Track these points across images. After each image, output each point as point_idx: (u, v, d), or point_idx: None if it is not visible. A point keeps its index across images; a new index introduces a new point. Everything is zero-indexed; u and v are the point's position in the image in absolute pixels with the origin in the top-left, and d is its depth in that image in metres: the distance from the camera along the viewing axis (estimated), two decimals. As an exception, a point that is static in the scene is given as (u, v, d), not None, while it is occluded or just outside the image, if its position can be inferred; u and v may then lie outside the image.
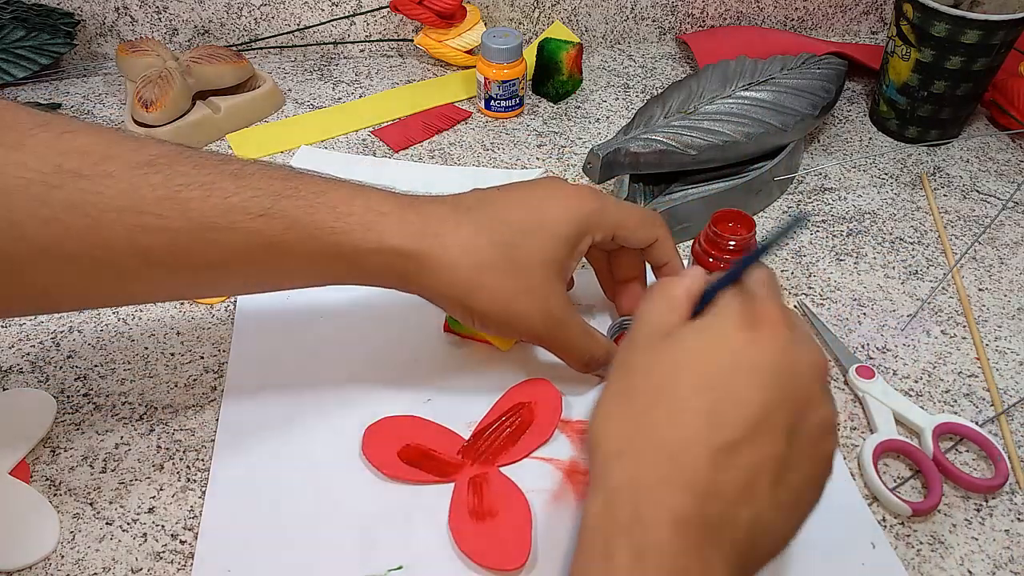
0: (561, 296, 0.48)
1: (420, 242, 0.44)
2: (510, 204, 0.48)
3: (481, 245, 0.45)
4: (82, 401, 0.53)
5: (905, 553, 0.47)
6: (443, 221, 0.45)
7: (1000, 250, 0.66)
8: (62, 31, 0.80)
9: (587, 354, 0.50)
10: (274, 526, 0.47)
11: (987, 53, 0.69)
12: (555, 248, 0.47)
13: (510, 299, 0.46)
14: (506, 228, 0.46)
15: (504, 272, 0.46)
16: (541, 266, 0.46)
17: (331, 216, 0.43)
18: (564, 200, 0.48)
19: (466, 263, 0.45)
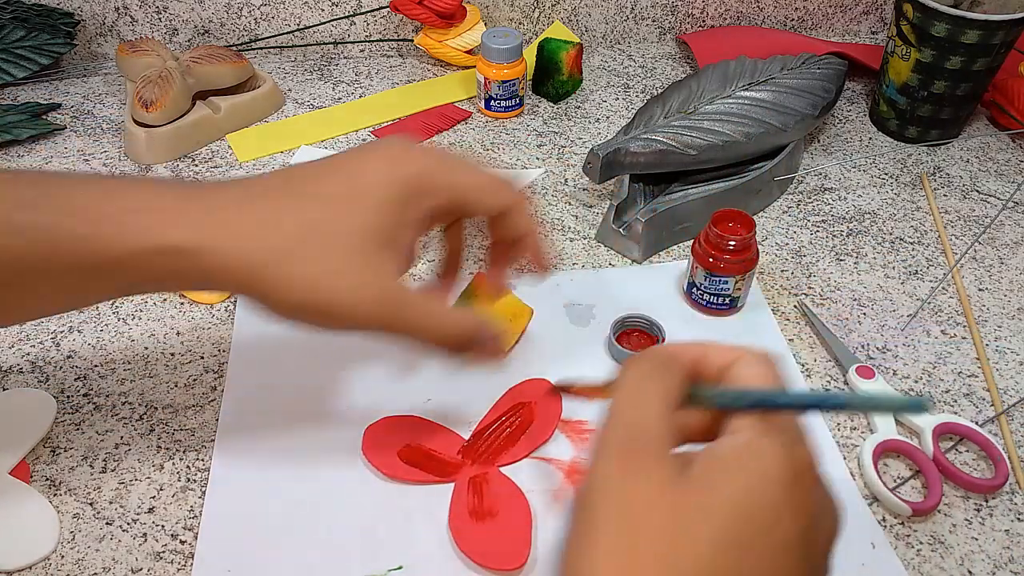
0: (389, 272, 0.40)
1: (198, 234, 0.38)
2: (320, 175, 0.41)
3: (280, 226, 0.39)
4: (82, 401, 0.53)
5: (905, 553, 0.47)
6: (231, 207, 0.39)
7: (1000, 250, 0.66)
8: (62, 31, 0.80)
9: (439, 334, 0.42)
10: (274, 526, 0.47)
11: (987, 53, 0.69)
12: (375, 216, 0.40)
13: (318, 284, 0.39)
14: (313, 202, 0.40)
15: (310, 254, 0.39)
16: (358, 240, 0.39)
17: (81, 222, 0.37)
18: (385, 162, 0.41)
19: (258, 250, 0.38)
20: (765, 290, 0.61)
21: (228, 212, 0.39)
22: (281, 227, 0.39)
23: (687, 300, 0.60)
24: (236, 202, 0.40)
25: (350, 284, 0.39)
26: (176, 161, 0.72)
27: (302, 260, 0.39)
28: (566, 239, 0.65)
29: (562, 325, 0.58)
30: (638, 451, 0.30)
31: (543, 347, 0.56)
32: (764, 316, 0.59)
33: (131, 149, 0.72)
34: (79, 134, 0.75)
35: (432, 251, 0.59)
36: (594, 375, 0.54)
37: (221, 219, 0.39)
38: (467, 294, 0.55)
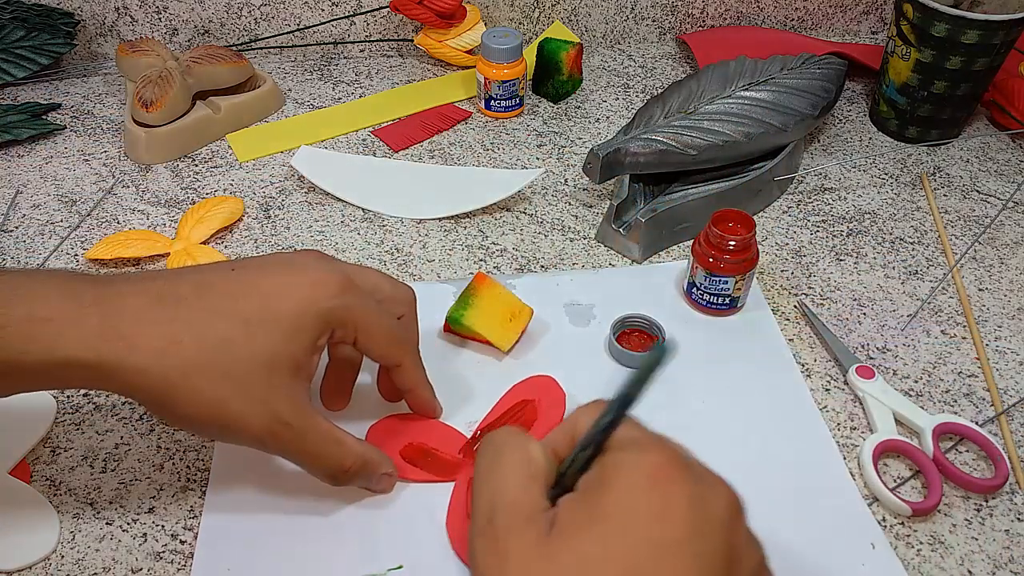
0: (292, 397, 0.42)
1: (99, 349, 0.38)
2: (238, 292, 0.41)
3: (185, 345, 0.39)
4: (82, 401, 0.53)
5: (905, 553, 0.47)
6: (137, 319, 0.39)
7: (1000, 250, 0.66)
8: (62, 31, 0.80)
9: (332, 463, 0.44)
10: (274, 526, 0.47)
11: (987, 53, 0.69)
12: (284, 345, 0.41)
13: (221, 403, 0.40)
14: (224, 321, 0.40)
15: (215, 373, 0.40)
16: (264, 367, 0.40)
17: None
18: (305, 292, 0.42)
19: (161, 366, 0.39)
20: (765, 290, 0.61)
21: (132, 324, 0.39)
22: (188, 345, 0.39)
23: (687, 300, 0.60)
24: (143, 311, 0.40)
25: (247, 408, 0.40)
26: (176, 161, 0.72)
27: (203, 381, 0.39)
28: (566, 239, 0.65)
29: (562, 325, 0.58)
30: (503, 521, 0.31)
31: (543, 347, 0.56)
32: (764, 316, 0.59)
33: (131, 149, 0.72)
34: (79, 134, 0.75)
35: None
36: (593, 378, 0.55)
37: (125, 332, 0.39)
38: (467, 294, 0.55)
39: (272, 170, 0.72)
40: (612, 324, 0.56)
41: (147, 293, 0.40)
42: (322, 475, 0.44)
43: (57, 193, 0.69)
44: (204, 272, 0.43)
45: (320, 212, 0.67)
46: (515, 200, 0.69)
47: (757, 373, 0.55)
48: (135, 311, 0.39)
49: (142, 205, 0.68)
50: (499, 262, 0.63)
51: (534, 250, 0.64)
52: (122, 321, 0.39)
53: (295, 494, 0.48)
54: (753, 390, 0.54)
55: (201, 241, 0.64)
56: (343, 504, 0.47)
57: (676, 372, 0.55)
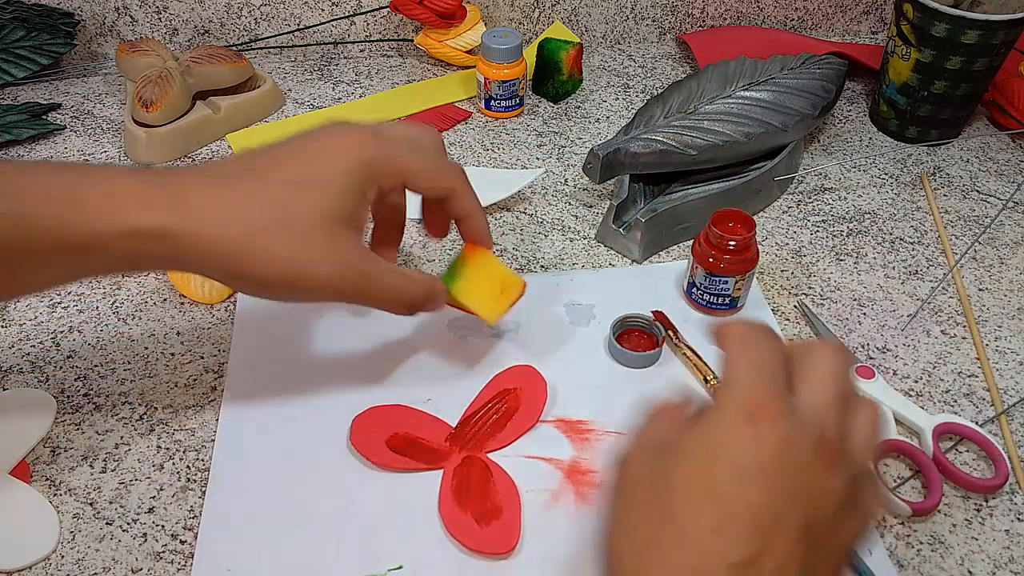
0: (355, 247, 0.45)
1: (171, 218, 0.41)
2: (281, 160, 0.44)
3: (250, 210, 0.42)
4: (82, 401, 0.53)
5: (905, 553, 0.47)
6: (199, 192, 0.42)
7: (1000, 250, 0.66)
8: (62, 31, 0.80)
9: (406, 297, 0.47)
10: (274, 526, 0.47)
11: (987, 53, 0.69)
12: (338, 200, 0.44)
13: (293, 262, 0.43)
14: (278, 187, 0.43)
15: (281, 235, 0.42)
16: (324, 221, 0.43)
17: (60, 207, 0.40)
18: (344, 148, 0.45)
19: (233, 233, 0.42)
20: (765, 290, 0.61)
21: (196, 197, 0.42)
22: (248, 211, 0.42)
23: (687, 300, 0.60)
24: (202, 187, 0.42)
25: (318, 260, 0.43)
26: (176, 161, 0.72)
27: (272, 240, 0.42)
28: (566, 239, 0.65)
29: (562, 325, 0.58)
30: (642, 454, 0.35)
31: (543, 347, 0.56)
32: (764, 316, 0.59)
33: (131, 149, 0.72)
34: (79, 134, 0.75)
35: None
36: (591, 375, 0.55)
37: (191, 204, 0.41)
38: (457, 264, 0.54)
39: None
40: (612, 324, 0.56)
41: (203, 173, 0.44)
42: (398, 308, 0.48)
43: (57, 193, 0.69)
44: (250, 153, 0.45)
45: (320, 212, 0.67)
46: (515, 200, 0.69)
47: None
48: (197, 187, 0.42)
49: (142, 205, 0.68)
50: (499, 262, 0.63)
51: (534, 250, 0.64)
52: (188, 195, 0.42)
53: (295, 495, 0.48)
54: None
55: (201, 241, 0.63)
56: (343, 504, 0.48)
57: (676, 371, 0.55)
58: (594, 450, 0.51)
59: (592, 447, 0.51)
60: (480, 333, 0.57)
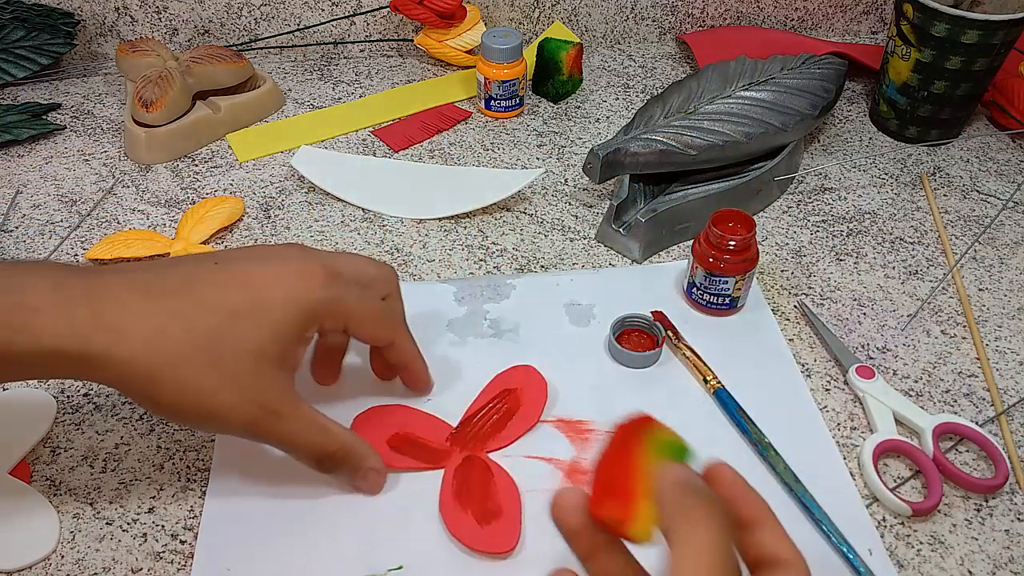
0: (278, 387, 0.43)
1: (88, 341, 0.38)
2: (226, 283, 0.42)
3: (173, 336, 0.40)
4: (82, 401, 0.53)
5: (905, 553, 0.46)
6: (125, 310, 0.40)
7: (1000, 250, 0.66)
8: (62, 31, 0.80)
9: (317, 449, 0.45)
10: (274, 526, 0.47)
11: (987, 53, 0.69)
12: (272, 337, 0.42)
13: (208, 393, 0.41)
14: (210, 314, 0.41)
15: (202, 364, 0.40)
16: (250, 357, 0.41)
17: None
18: (290, 284, 0.43)
19: (148, 357, 0.39)
20: (765, 290, 0.61)
21: (118, 314, 0.39)
22: (171, 336, 0.40)
23: (687, 300, 0.60)
24: (128, 303, 0.40)
25: (231, 397, 0.41)
26: (176, 161, 0.72)
27: (188, 371, 0.40)
28: (566, 239, 0.65)
29: (562, 325, 0.58)
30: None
31: (543, 347, 0.56)
32: (764, 316, 0.59)
33: (131, 149, 0.72)
34: (79, 134, 0.75)
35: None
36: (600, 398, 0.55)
37: (113, 323, 0.39)
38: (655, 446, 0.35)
39: (272, 170, 0.72)
40: (612, 324, 0.56)
41: (135, 285, 0.41)
42: (307, 460, 0.45)
43: (57, 193, 0.69)
44: (190, 264, 0.43)
45: (320, 212, 0.67)
46: (515, 200, 0.69)
47: (757, 373, 0.55)
48: (123, 303, 0.40)
49: (142, 205, 0.68)
50: (499, 262, 0.63)
51: (534, 250, 0.64)
52: (110, 312, 0.39)
53: (295, 495, 0.48)
54: (753, 390, 0.54)
55: (201, 241, 0.64)
56: (343, 505, 0.48)
57: (676, 372, 0.55)
58: (594, 450, 0.51)
59: (592, 447, 0.51)
60: (480, 334, 0.57)
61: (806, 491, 0.48)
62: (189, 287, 0.41)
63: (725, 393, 0.53)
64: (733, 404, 0.52)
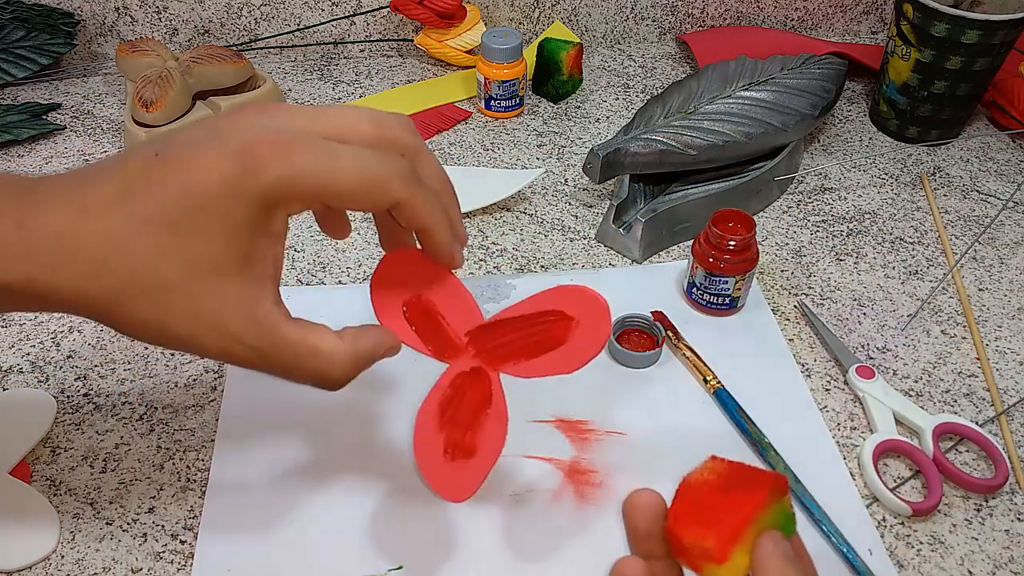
0: (246, 306, 0.35)
1: (27, 273, 0.33)
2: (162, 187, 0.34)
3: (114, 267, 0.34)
4: (82, 401, 0.53)
5: (905, 553, 0.47)
6: (61, 239, 0.34)
7: (1000, 250, 0.66)
8: (62, 31, 0.80)
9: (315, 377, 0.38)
10: (274, 526, 0.47)
11: (987, 53, 0.69)
12: (224, 244, 0.34)
13: (164, 325, 0.34)
14: (152, 230, 0.34)
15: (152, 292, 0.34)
16: (206, 272, 0.34)
17: None
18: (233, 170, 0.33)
19: (94, 289, 0.34)
20: (765, 290, 0.61)
21: (57, 245, 0.34)
22: (117, 267, 0.34)
23: (687, 300, 0.60)
24: (67, 229, 0.34)
25: (196, 327, 0.35)
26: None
27: (144, 302, 0.34)
28: (566, 239, 0.65)
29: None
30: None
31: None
32: (764, 316, 0.59)
33: (131, 149, 0.72)
34: (79, 134, 0.75)
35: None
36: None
37: (51, 255, 0.34)
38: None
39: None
40: (612, 324, 0.56)
41: (71, 205, 0.34)
42: (311, 385, 0.38)
43: (57, 193, 0.69)
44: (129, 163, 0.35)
45: (320, 212, 0.67)
46: (515, 200, 0.69)
47: (757, 373, 0.55)
48: (58, 231, 0.34)
49: (142, 205, 0.68)
50: (499, 262, 0.63)
51: (534, 250, 0.64)
52: (46, 242, 0.34)
53: (295, 495, 0.48)
54: (753, 390, 0.54)
55: (201, 241, 0.63)
56: (343, 504, 0.48)
57: (676, 372, 0.55)
58: (594, 450, 0.51)
59: (592, 447, 0.51)
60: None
61: (806, 491, 0.48)
62: (125, 196, 0.34)
63: (725, 393, 0.53)
64: (733, 404, 0.52)
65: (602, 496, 0.48)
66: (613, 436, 0.51)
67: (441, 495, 0.41)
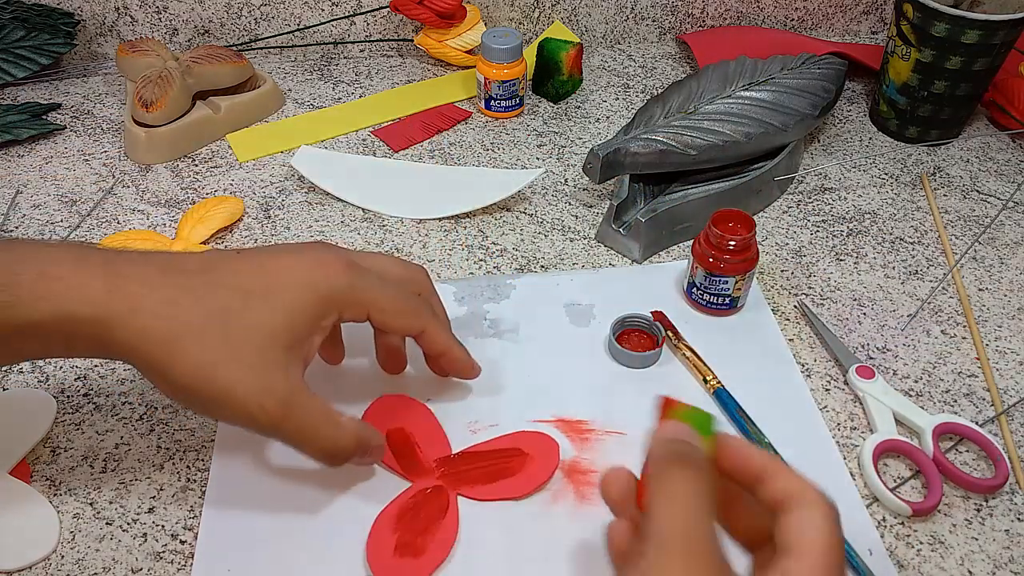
0: (287, 373, 0.41)
1: (104, 307, 0.39)
2: (242, 268, 0.42)
3: (186, 308, 0.40)
4: (82, 401, 0.53)
5: (905, 553, 0.46)
6: (141, 283, 0.40)
7: (1000, 250, 0.66)
8: (62, 31, 0.80)
9: (328, 445, 0.43)
10: (275, 526, 0.47)
11: (987, 53, 0.69)
12: (286, 320, 0.41)
13: (213, 367, 0.40)
14: (225, 292, 0.41)
15: (213, 338, 0.40)
16: (262, 339, 0.40)
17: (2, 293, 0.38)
18: (309, 270, 0.43)
19: (160, 327, 0.39)
20: (765, 290, 0.61)
21: (134, 286, 0.40)
22: (187, 309, 0.40)
23: (687, 300, 0.60)
24: (143, 277, 0.40)
25: (240, 378, 0.40)
26: (176, 161, 0.72)
27: (197, 345, 0.40)
28: (566, 239, 0.65)
29: (562, 325, 0.58)
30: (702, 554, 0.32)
31: (543, 347, 0.56)
32: (764, 316, 0.59)
33: (131, 149, 0.72)
34: (79, 134, 0.75)
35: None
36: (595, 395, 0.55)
37: (125, 293, 0.39)
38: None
39: (272, 170, 0.72)
40: (612, 324, 0.56)
41: (153, 263, 0.42)
42: (317, 456, 0.43)
43: (57, 193, 0.69)
44: (210, 254, 0.44)
45: (320, 212, 0.67)
46: (515, 200, 0.69)
47: (757, 373, 0.55)
48: (140, 276, 0.40)
49: (142, 205, 0.68)
50: (499, 262, 0.63)
51: (534, 250, 0.64)
52: (127, 284, 0.40)
53: (296, 494, 0.48)
54: (753, 390, 0.54)
55: (201, 241, 0.64)
56: (344, 504, 0.48)
57: (676, 371, 0.55)
58: (594, 450, 0.51)
59: (592, 447, 0.51)
60: (481, 334, 0.57)
61: None
62: (205, 269, 0.42)
63: (725, 393, 0.53)
64: (733, 404, 0.52)
65: (602, 496, 0.48)
66: (613, 436, 0.51)
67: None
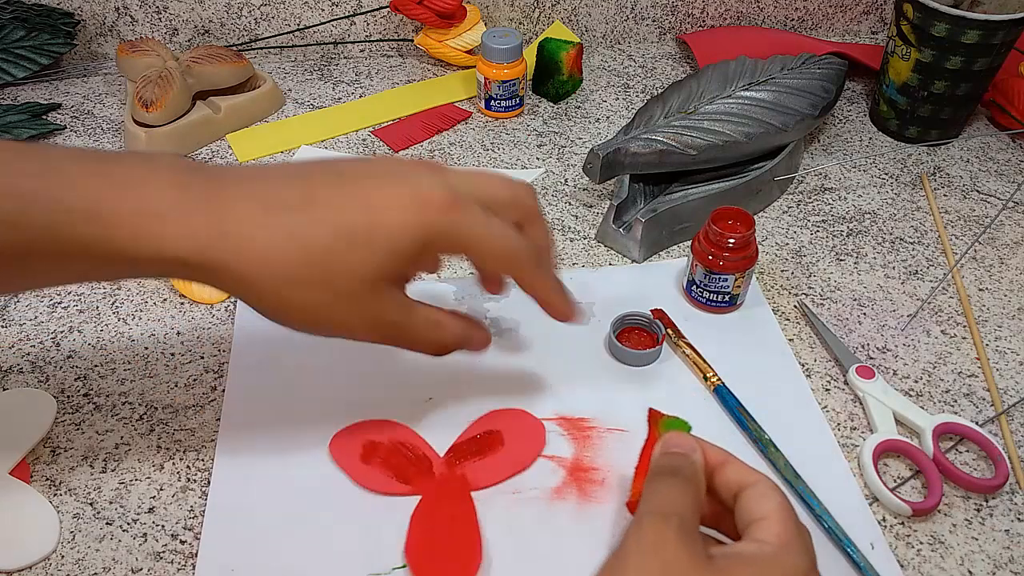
0: (391, 303, 0.43)
1: (207, 251, 0.39)
2: (343, 204, 0.41)
3: (289, 254, 0.40)
4: (82, 401, 0.53)
5: (905, 553, 0.46)
6: (243, 223, 0.39)
7: (1000, 250, 0.66)
8: (62, 31, 0.80)
9: (436, 345, 0.46)
10: (276, 526, 0.47)
11: (987, 53, 0.69)
12: (388, 261, 0.41)
13: (323, 309, 0.41)
14: (329, 234, 0.40)
15: (315, 283, 0.41)
16: (367, 280, 0.41)
17: (96, 226, 0.37)
18: (414, 211, 0.41)
19: (267, 277, 0.40)
20: (765, 290, 0.61)
21: (244, 227, 0.39)
22: (291, 254, 0.40)
23: (687, 298, 0.60)
24: (250, 216, 0.40)
25: (352, 315, 0.42)
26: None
27: (310, 293, 0.41)
28: (566, 239, 0.65)
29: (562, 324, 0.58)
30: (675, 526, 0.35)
31: (543, 346, 0.56)
32: (764, 314, 0.59)
33: (131, 149, 0.72)
34: (79, 134, 0.75)
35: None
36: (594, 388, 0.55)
37: (231, 236, 0.39)
38: None
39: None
40: (612, 322, 0.56)
41: (255, 198, 0.40)
42: (427, 353, 0.47)
43: (57, 193, 0.69)
44: (312, 179, 0.42)
45: (320, 212, 0.67)
46: (515, 200, 0.69)
47: (757, 369, 0.55)
48: (242, 215, 0.40)
49: (142, 205, 0.68)
50: (499, 262, 0.63)
51: (534, 250, 0.64)
52: (229, 224, 0.39)
53: (297, 494, 0.48)
54: (753, 387, 0.54)
55: (201, 241, 0.63)
56: (345, 504, 0.48)
57: (676, 369, 0.55)
58: (596, 448, 0.51)
59: (594, 445, 0.51)
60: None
61: (806, 487, 0.48)
62: (307, 204, 0.41)
63: (725, 390, 0.53)
64: (733, 401, 0.52)
65: (604, 494, 0.48)
66: (614, 434, 0.51)
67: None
